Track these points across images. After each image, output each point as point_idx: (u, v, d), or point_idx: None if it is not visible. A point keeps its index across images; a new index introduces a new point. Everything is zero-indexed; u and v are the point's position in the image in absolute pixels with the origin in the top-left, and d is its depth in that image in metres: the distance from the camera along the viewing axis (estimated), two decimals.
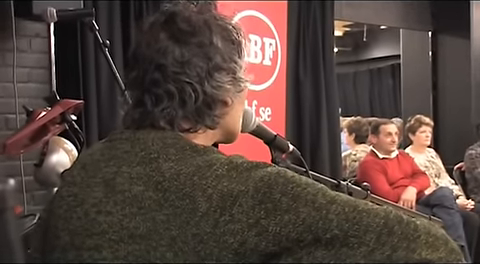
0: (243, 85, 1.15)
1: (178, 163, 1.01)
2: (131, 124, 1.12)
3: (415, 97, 6.72)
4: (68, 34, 4.07)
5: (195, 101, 1.08)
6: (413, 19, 6.36)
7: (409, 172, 5.20)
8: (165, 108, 1.08)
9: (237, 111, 1.18)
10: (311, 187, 0.99)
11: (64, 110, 2.21)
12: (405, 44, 6.86)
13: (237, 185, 0.97)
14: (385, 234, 0.96)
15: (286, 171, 1.02)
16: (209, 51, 1.09)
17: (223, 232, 0.94)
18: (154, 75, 1.08)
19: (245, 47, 1.15)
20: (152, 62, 1.08)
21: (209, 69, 1.08)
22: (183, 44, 1.08)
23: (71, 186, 1.10)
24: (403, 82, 7.01)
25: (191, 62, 1.07)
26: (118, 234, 0.99)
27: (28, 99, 3.88)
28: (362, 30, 9.26)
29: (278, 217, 0.95)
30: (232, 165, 1.01)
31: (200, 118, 1.10)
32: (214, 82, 1.09)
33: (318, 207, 0.96)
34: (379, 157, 5.16)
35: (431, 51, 6.53)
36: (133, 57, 1.13)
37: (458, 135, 6.12)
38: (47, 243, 1.10)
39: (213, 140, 1.17)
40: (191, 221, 0.95)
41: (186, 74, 1.07)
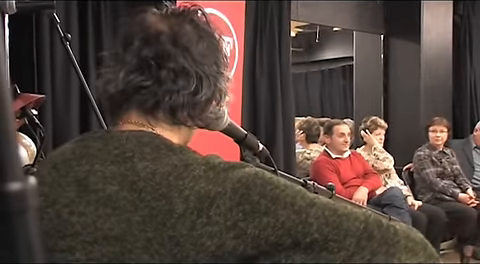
0: (227, 89, 1.19)
1: (153, 162, 0.99)
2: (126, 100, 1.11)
3: (367, 99, 6.85)
4: (22, 26, 3.97)
5: (201, 97, 1.11)
6: (366, 22, 6.48)
7: (361, 172, 5.30)
8: (173, 90, 1.08)
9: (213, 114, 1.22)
10: (290, 189, 0.98)
11: (25, 104, 2.15)
12: (358, 46, 6.98)
13: (214, 186, 0.95)
14: (365, 238, 0.95)
15: (264, 172, 1.00)
16: (216, 51, 1.14)
17: (200, 234, 0.92)
18: (179, 59, 1.09)
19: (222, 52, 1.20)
20: (178, 45, 1.09)
21: (218, 70, 1.14)
22: (203, 41, 1.12)
23: (41, 186, 1.07)
24: (355, 84, 7.13)
25: (210, 57, 1.12)
26: (92, 235, 0.97)
27: None
28: (315, 31, 9.37)
29: (257, 220, 0.93)
30: (209, 165, 0.99)
31: (197, 115, 1.12)
32: (220, 85, 1.14)
33: (298, 210, 0.94)
34: (332, 157, 5.24)
35: (383, 54, 6.66)
36: (146, 34, 1.11)
37: (407, 137, 6.28)
38: None
39: (188, 136, 1.18)
40: (167, 223, 0.93)
41: (206, 66, 1.11)
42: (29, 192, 0.41)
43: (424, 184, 5.69)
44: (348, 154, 5.31)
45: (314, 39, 9.51)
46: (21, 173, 0.41)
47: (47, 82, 4.03)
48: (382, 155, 5.56)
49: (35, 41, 3.99)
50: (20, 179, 0.42)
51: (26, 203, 0.41)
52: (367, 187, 5.12)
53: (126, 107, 1.12)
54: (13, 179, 0.42)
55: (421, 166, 5.69)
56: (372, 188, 5.19)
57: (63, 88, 4.11)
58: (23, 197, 0.41)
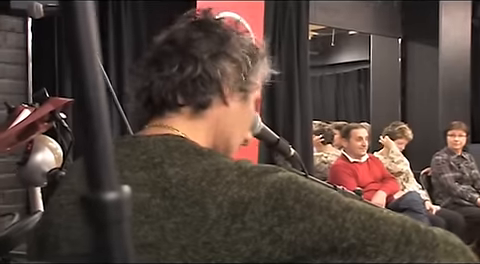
0: (248, 88, 1.14)
1: (184, 168, 0.97)
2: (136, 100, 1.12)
3: (384, 103, 6.82)
4: (44, 30, 4.00)
5: (192, 72, 1.07)
6: (384, 25, 6.46)
7: (379, 176, 5.28)
8: (166, 76, 1.08)
9: (238, 114, 1.15)
10: (324, 194, 0.96)
11: (54, 108, 2.16)
12: (375, 50, 6.96)
13: (248, 191, 0.93)
14: (403, 243, 0.93)
15: (297, 177, 0.99)
16: (224, 42, 1.11)
17: (235, 240, 0.90)
18: (165, 47, 1.10)
19: (263, 64, 1.18)
20: (167, 39, 1.12)
21: (217, 52, 1.10)
22: (203, 30, 1.11)
23: (70, 194, 1.06)
24: (372, 87, 7.10)
25: (202, 41, 1.09)
26: None
27: (2, 95, 3.80)
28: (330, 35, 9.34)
29: (292, 225, 0.91)
30: (242, 170, 0.97)
31: (193, 92, 1.08)
32: (217, 64, 1.09)
33: (334, 215, 0.93)
34: (350, 161, 5.22)
35: (400, 57, 6.63)
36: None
37: (425, 141, 6.24)
38: (46, 252, 1.06)
39: (207, 138, 1.12)
40: (201, 229, 0.91)
41: (194, 48, 1.08)
42: (125, 202, 0.41)
43: (442, 189, 5.65)
44: (366, 158, 5.29)
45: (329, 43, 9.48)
46: (117, 182, 0.41)
47: (68, 86, 4.04)
48: (397, 158, 5.54)
49: (57, 44, 4.01)
50: (116, 189, 0.41)
51: (122, 213, 0.41)
52: (385, 191, 5.10)
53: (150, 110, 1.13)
54: (110, 189, 0.41)
55: (439, 171, 5.66)
56: (390, 192, 5.17)
57: None
58: (119, 207, 0.41)
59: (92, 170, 0.41)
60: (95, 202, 0.41)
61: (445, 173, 5.61)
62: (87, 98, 0.41)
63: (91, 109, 0.41)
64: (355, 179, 5.08)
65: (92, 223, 0.42)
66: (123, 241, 0.41)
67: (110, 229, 0.41)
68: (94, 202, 0.41)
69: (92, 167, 0.41)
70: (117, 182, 0.41)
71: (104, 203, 0.41)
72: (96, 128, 0.41)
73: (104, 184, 0.41)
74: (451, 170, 5.63)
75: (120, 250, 0.41)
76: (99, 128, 0.41)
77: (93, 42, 0.41)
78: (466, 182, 5.64)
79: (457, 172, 5.65)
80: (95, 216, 0.41)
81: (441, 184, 5.64)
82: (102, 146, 0.41)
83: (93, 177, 0.41)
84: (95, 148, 0.41)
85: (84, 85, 0.41)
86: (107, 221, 0.41)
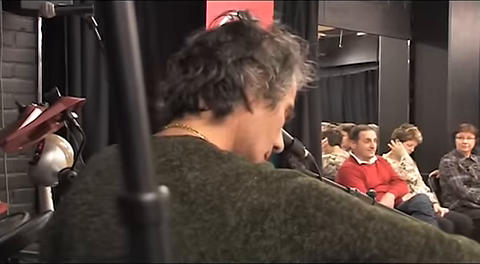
0: (275, 95, 1.10)
1: (203, 172, 0.95)
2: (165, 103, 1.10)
3: (392, 104, 6.81)
4: (54, 30, 4.00)
5: (216, 76, 1.05)
6: (393, 27, 6.44)
7: (387, 178, 5.26)
8: (190, 78, 1.06)
9: (263, 122, 1.11)
10: (346, 201, 0.93)
11: (66, 107, 2.16)
12: (384, 51, 6.94)
13: (267, 198, 0.91)
14: (427, 254, 0.91)
15: (318, 183, 0.96)
16: (252, 46, 1.08)
17: (254, 248, 0.88)
18: (194, 49, 1.09)
19: (297, 70, 1.14)
20: (197, 40, 1.10)
21: (242, 57, 1.07)
22: (233, 34, 1.08)
23: (84, 194, 1.04)
24: (380, 89, 7.09)
25: (229, 44, 1.07)
26: None
27: (11, 95, 3.81)
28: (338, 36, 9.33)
29: (313, 234, 0.89)
30: (262, 175, 0.94)
31: (214, 97, 1.06)
32: (241, 69, 1.07)
33: (355, 224, 0.90)
34: (358, 163, 5.21)
35: (409, 59, 6.61)
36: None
37: (434, 143, 6.21)
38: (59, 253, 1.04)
39: (227, 144, 1.09)
40: (220, 236, 0.89)
41: (220, 51, 1.06)
42: (163, 204, 0.41)
43: (451, 191, 5.63)
44: (374, 160, 5.28)
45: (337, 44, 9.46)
46: (155, 183, 0.41)
47: (77, 86, 4.05)
48: (409, 166, 5.53)
49: (66, 44, 4.01)
50: (154, 190, 0.41)
51: (160, 215, 0.40)
52: (393, 193, 5.09)
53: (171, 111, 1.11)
54: (147, 190, 0.41)
55: (448, 173, 5.64)
56: (398, 195, 5.15)
57: (93, 92, 4.13)
58: (157, 209, 0.40)
59: (130, 171, 0.41)
60: (133, 203, 0.41)
61: (454, 175, 5.59)
62: (126, 101, 0.40)
63: (130, 112, 0.40)
64: (363, 181, 5.06)
65: (129, 224, 0.41)
66: (160, 243, 0.40)
67: (148, 231, 0.41)
68: (132, 203, 0.41)
69: (130, 168, 0.41)
70: (155, 183, 0.41)
71: (142, 204, 0.41)
72: (135, 131, 0.40)
73: (142, 185, 0.41)
74: (460, 172, 5.62)
75: (157, 253, 0.40)
76: (138, 130, 0.40)
77: (133, 44, 0.40)
78: (475, 185, 5.62)
79: (466, 174, 5.63)
80: (132, 217, 0.41)
81: (449, 187, 5.62)
82: (140, 148, 0.41)
83: (131, 178, 0.41)
84: (133, 150, 0.41)
85: (123, 88, 0.40)
86: (145, 223, 0.41)
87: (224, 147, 1.05)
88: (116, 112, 0.41)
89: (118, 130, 0.41)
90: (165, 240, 0.41)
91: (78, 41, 4.06)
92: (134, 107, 0.40)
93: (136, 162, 0.41)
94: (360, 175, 5.11)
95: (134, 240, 0.41)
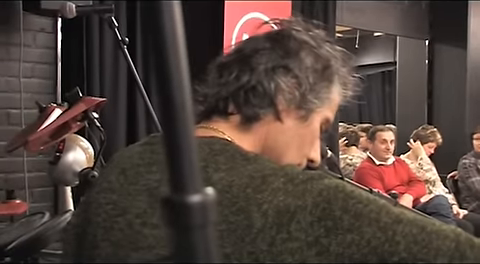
0: (307, 107, 1.07)
1: (229, 173, 0.94)
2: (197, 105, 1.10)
3: (410, 105, 6.77)
4: (73, 30, 4.03)
5: (247, 82, 1.04)
6: (411, 27, 6.40)
7: (405, 179, 5.23)
8: (223, 83, 1.05)
9: (294, 133, 1.08)
10: (373, 204, 0.91)
11: (87, 107, 2.16)
12: (402, 52, 6.90)
13: (294, 199, 0.89)
14: (457, 258, 0.89)
15: (345, 185, 0.94)
16: (289, 55, 1.06)
17: (280, 251, 0.87)
18: (232, 56, 1.08)
19: (336, 83, 1.10)
20: (237, 47, 1.09)
21: (276, 65, 1.05)
22: (271, 41, 1.07)
23: (108, 193, 1.04)
24: (398, 89, 7.05)
25: (266, 52, 1.05)
26: (166, 249, 0.92)
27: (31, 94, 3.83)
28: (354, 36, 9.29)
29: (340, 236, 0.87)
30: (288, 177, 0.93)
31: (244, 103, 1.04)
32: (272, 77, 1.04)
33: (383, 227, 0.89)
34: (376, 163, 5.18)
35: (427, 59, 6.57)
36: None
37: (452, 144, 6.16)
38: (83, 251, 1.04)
39: (254, 151, 1.06)
40: (246, 238, 0.88)
41: (255, 58, 1.05)
42: (209, 206, 0.40)
43: (469, 193, 5.58)
44: (392, 161, 5.24)
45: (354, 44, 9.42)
46: (201, 185, 0.40)
47: (96, 85, 4.07)
48: (427, 166, 5.49)
49: (85, 44, 4.03)
50: (200, 191, 0.40)
51: (207, 217, 0.40)
52: (412, 195, 5.05)
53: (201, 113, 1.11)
54: (194, 191, 0.40)
55: (466, 174, 5.59)
56: (417, 196, 5.12)
57: (111, 92, 4.14)
58: (204, 211, 0.40)
59: (176, 172, 0.40)
60: (179, 205, 0.40)
61: (472, 177, 5.55)
62: (172, 101, 0.39)
63: (176, 112, 0.40)
64: (381, 182, 5.03)
65: (175, 226, 0.40)
66: (208, 246, 0.39)
67: (194, 233, 0.40)
68: (178, 205, 0.40)
69: (176, 169, 0.40)
70: (201, 185, 0.40)
71: (189, 206, 0.40)
72: (181, 131, 0.40)
73: (188, 187, 0.40)
74: (478, 174, 5.57)
75: (204, 255, 0.40)
76: (184, 131, 0.40)
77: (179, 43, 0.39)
78: None
79: None
80: (178, 219, 0.40)
81: (468, 188, 5.57)
82: (187, 149, 0.40)
83: (177, 179, 0.40)
84: (180, 151, 0.40)
85: (169, 88, 0.39)
86: (191, 225, 0.40)
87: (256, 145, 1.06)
88: (162, 112, 0.40)
89: (164, 130, 0.40)
90: (212, 243, 0.40)
91: (96, 41, 4.07)
92: (181, 107, 0.40)
93: (182, 163, 0.40)
94: (378, 176, 5.09)
95: (180, 242, 0.40)
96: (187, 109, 0.40)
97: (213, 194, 0.41)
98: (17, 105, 3.78)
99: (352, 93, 1.14)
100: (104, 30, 4.05)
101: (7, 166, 3.72)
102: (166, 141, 0.40)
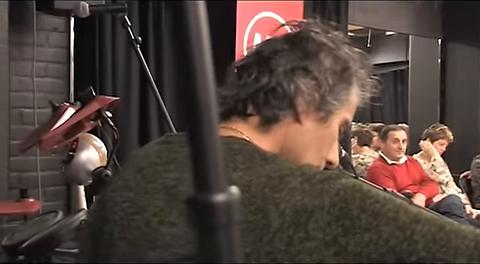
0: (327, 108, 1.06)
1: (247, 173, 0.94)
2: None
3: (422, 104, 6.73)
4: (86, 29, 4.04)
5: (266, 83, 1.03)
6: (424, 26, 6.37)
7: (418, 179, 5.20)
8: (242, 84, 1.05)
9: (313, 135, 1.08)
10: (391, 203, 0.90)
11: (101, 106, 2.17)
12: (414, 51, 6.87)
13: (311, 199, 0.89)
14: (476, 258, 0.88)
15: (361, 184, 0.94)
16: (308, 57, 1.06)
17: (298, 250, 0.87)
18: (251, 57, 1.08)
19: (355, 85, 1.10)
20: (256, 49, 1.09)
21: (295, 66, 1.04)
22: (290, 43, 1.06)
23: (125, 191, 1.03)
24: (410, 89, 7.02)
25: (285, 54, 1.05)
26: (184, 248, 0.92)
27: (44, 94, 3.85)
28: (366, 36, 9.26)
29: (357, 236, 0.87)
30: (305, 177, 0.93)
31: (263, 104, 1.04)
32: (292, 79, 1.04)
33: (401, 226, 0.88)
34: (388, 163, 5.16)
35: (440, 59, 6.53)
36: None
37: (465, 143, 6.13)
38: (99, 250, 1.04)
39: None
40: (264, 238, 0.88)
41: (274, 60, 1.04)
42: (234, 205, 0.39)
43: None
44: (404, 160, 5.22)
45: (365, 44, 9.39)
46: (225, 184, 0.40)
47: (108, 85, 4.08)
48: (440, 168, 5.45)
49: (98, 44, 4.05)
50: (225, 191, 0.40)
51: (232, 217, 0.39)
52: (424, 194, 5.02)
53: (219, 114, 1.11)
54: (218, 191, 0.40)
55: (479, 174, 5.56)
56: (429, 195, 5.09)
57: (123, 91, 4.15)
58: (228, 210, 0.39)
59: (200, 172, 0.40)
60: (203, 204, 0.40)
61: None
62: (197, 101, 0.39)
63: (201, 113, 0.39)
64: (393, 181, 5.01)
65: (199, 226, 0.40)
66: (232, 246, 0.39)
67: (219, 233, 0.40)
68: (202, 204, 0.40)
69: (201, 169, 0.40)
70: (225, 184, 0.40)
71: (213, 206, 0.40)
72: (206, 131, 0.39)
73: (212, 186, 0.40)
74: None
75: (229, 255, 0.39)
76: (209, 131, 0.39)
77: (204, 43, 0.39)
78: None
79: None
80: (203, 219, 0.40)
81: None
82: (212, 149, 0.40)
83: (201, 179, 0.40)
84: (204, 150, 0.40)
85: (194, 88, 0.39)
86: (216, 224, 0.40)
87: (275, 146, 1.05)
88: (187, 112, 0.40)
89: (189, 130, 0.40)
90: (236, 242, 0.40)
91: (109, 40, 4.09)
92: (205, 107, 0.39)
93: (207, 163, 0.40)
94: (390, 175, 5.06)
95: (204, 242, 0.40)
96: (212, 109, 0.40)
97: (237, 194, 0.41)
98: (30, 104, 3.80)
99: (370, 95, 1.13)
100: (116, 29, 4.06)
101: (20, 165, 3.74)
102: (191, 141, 0.40)
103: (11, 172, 3.66)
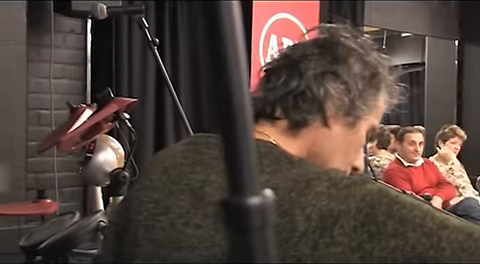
0: (356, 113, 1.06)
1: (274, 176, 0.94)
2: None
3: (439, 106, 6.69)
4: (102, 31, 4.06)
5: (296, 87, 1.03)
6: (440, 27, 6.33)
7: (434, 181, 5.16)
8: (271, 88, 1.05)
9: (341, 140, 1.07)
10: (418, 209, 0.90)
11: (119, 108, 2.17)
12: (430, 52, 6.83)
13: (337, 204, 0.89)
14: None
15: (388, 189, 0.93)
16: (338, 61, 1.05)
17: (323, 255, 0.86)
18: (280, 61, 1.07)
19: (383, 91, 1.09)
20: (285, 52, 1.08)
21: (325, 70, 1.04)
22: (320, 47, 1.06)
23: (150, 191, 1.04)
24: (427, 90, 6.98)
25: (314, 58, 1.04)
26: (209, 251, 0.92)
27: (61, 95, 3.88)
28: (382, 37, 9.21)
29: (383, 242, 0.86)
30: (332, 181, 0.92)
31: (292, 108, 1.03)
32: (322, 83, 1.03)
33: (428, 233, 0.87)
34: (404, 165, 5.12)
35: (457, 60, 6.49)
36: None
37: None
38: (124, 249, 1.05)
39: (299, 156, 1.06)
40: (289, 241, 0.88)
41: (303, 64, 1.04)
42: (268, 208, 0.39)
43: None
44: (421, 163, 5.18)
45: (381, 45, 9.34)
46: (260, 187, 0.39)
47: (124, 86, 4.09)
48: (458, 172, 5.40)
49: (114, 45, 4.06)
50: (259, 194, 0.39)
51: (266, 220, 0.39)
52: (441, 197, 4.98)
53: None
54: (253, 194, 0.39)
55: None
56: (446, 198, 5.05)
57: (139, 93, 4.16)
58: (263, 213, 0.39)
59: (235, 174, 0.39)
60: (237, 207, 0.39)
61: None
62: (232, 102, 0.39)
63: (236, 114, 0.39)
64: (410, 184, 4.98)
65: (234, 228, 0.40)
66: (266, 248, 0.39)
67: (253, 236, 0.39)
68: (236, 207, 0.39)
69: (235, 171, 0.39)
70: (260, 187, 0.39)
71: (248, 208, 0.39)
72: (240, 133, 0.39)
73: (247, 189, 0.39)
74: None
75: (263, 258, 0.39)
76: (244, 132, 0.39)
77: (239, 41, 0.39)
78: None
79: None
80: (237, 221, 0.39)
81: None
82: (246, 150, 0.39)
83: (235, 181, 0.39)
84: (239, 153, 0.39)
85: (229, 90, 0.39)
86: (251, 227, 0.39)
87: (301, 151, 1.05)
88: (220, 113, 0.39)
89: (222, 132, 0.40)
90: (271, 245, 0.39)
91: (125, 42, 4.10)
92: (240, 108, 0.39)
93: (241, 165, 0.39)
94: (406, 178, 5.03)
95: (239, 245, 0.39)
96: (246, 110, 0.39)
97: (272, 197, 0.40)
98: (47, 106, 3.82)
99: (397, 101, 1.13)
100: (133, 31, 4.07)
101: (38, 166, 3.76)
102: (225, 143, 0.39)
103: (28, 173, 3.68)
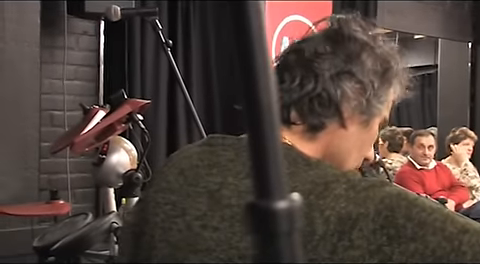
0: (371, 112, 1.04)
1: (292, 178, 0.93)
2: None
3: (452, 108, 6.65)
4: (115, 33, 4.07)
5: (312, 90, 1.00)
6: (453, 29, 6.29)
7: (447, 184, 5.13)
8: (286, 89, 1.02)
9: (356, 139, 1.06)
10: (438, 213, 0.89)
11: (132, 109, 2.18)
12: (443, 54, 6.78)
13: (355, 207, 0.88)
14: None
15: (407, 192, 0.92)
16: (351, 59, 1.02)
17: (342, 258, 0.86)
18: (290, 57, 1.05)
19: (395, 84, 1.07)
20: (294, 47, 1.06)
21: (340, 71, 1.01)
22: (332, 44, 1.03)
23: (167, 193, 1.03)
24: (439, 93, 6.94)
25: (328, 57, 1.02)
26: (226, 253, 0.92)
27: (74, 96, 3.89)
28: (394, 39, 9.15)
29: (403, 245, 0.86)
30: (350, 184, 0.91)
31: (308, 112, 1.01)
32: (338, 84, 1.01)
33: (449, 237, 0.86)
34: (416, 168, 5.09)
35: (470, 62, 6.44)
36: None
37: None
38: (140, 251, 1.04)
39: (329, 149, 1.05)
40: (308, 245, 0.87)
41: (317, 64, 1.01)
42: (296, 212, 0.38)
43: None
44: (433, 165, 5.14)
45: None
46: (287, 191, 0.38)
47: (137, 87, 4.10)
48: (472, 173, 5.37)
49: (127, 47, 4.07)
50: (286, 198, 0.39)
51: (293, 224, 0.38)
52: (454, 200, 4.94)
53: None
54: (280, 197, 0.39)
55: None
56: (459, 201, 5.01)
57: (152, 94, 4.17)
58: (290, 217, 0.38)
59: (262, 177, 0.39)
60: (264, 211, 0.39)
61: None
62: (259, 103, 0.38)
63: (263, 114, 0.38)
64: (422, 187, 4.94)
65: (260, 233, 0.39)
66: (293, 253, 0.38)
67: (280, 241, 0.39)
68: (263, 211, 0.39)
69: (262, 174, 0.39)
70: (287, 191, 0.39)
71: (275, 212, 0.38)
72: (268, 134, 0.38)
73: (274, 192, 0.39)
74: None
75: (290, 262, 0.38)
76: (271, 134, 0.38)
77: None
78: None
79: None
80: (264, 226, 0.39)
81: None
82: (273, 153, 0.39)
83: (262, 185, 0.39)
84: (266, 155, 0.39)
85: (256, 89, 0.38)
86: (277, 232, 0.39)
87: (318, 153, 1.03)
88: (247, 114, 0.39)
89: (249, 133, 0.39)
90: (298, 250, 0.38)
91: (138, 43, 4.11)
92: (267, 109, 0.38)
93: (268, 168, 0.39)
94: (419, 180, 5.00)
95: (265, 249, 0.39)
96: (274, 111, 0.39)
97: (299, 200, 0.39)
98: (60, 107, 3.83)
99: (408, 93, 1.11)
100: (146, 32, 4.08)
101: (51, 167, 3.77)
102: (252, 145, 0.39)
103: (41, 174, 3.69)
